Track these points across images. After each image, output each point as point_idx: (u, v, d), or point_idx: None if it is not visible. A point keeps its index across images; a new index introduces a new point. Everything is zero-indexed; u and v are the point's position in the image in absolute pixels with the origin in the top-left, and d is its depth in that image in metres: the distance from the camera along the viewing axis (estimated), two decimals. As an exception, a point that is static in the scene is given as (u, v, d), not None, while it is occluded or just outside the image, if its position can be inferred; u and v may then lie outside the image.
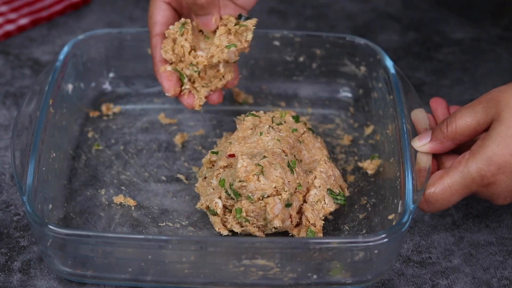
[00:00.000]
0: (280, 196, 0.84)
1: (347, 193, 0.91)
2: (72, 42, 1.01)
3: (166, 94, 0.90)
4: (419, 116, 0.91)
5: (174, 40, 0.89)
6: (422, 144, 0.86)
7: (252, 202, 0.84)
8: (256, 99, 1.06)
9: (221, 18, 0.89)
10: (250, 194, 0.84)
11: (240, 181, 0.84)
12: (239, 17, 0.90)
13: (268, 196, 0.84)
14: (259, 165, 0.84)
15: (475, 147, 0.82)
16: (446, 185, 0.83)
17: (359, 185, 0.94)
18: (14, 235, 0.89)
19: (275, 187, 0.84)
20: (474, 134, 0.84)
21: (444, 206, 0.84)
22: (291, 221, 0.86)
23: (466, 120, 0.83)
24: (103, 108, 1.04)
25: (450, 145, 0.85)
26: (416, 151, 0.87)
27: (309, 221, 0.87)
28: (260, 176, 0.84)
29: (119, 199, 0.92)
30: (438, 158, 0.87)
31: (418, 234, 0.90)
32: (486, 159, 0.81)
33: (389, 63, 0.97)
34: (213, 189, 0.88)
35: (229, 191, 0.86)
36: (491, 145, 0.81)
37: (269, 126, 0.91)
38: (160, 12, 0.90)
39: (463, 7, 1.24)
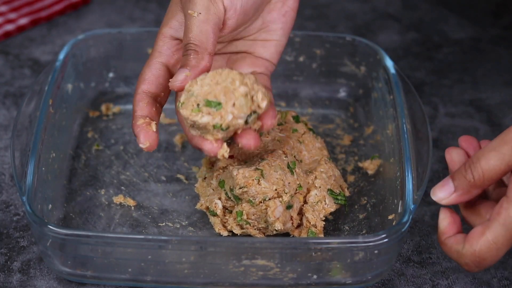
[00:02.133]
0: (281, 199, 0.84)
1: (347, 193, 0.91)
2: (72, 42, 1.01)
3: (141, 145, 0.82)
4: (454, 157, 0.81)
5: None
6: (446, 197, 0.77)
7: (253, 205, 0.84)
8: (256, 99, 1.05)
9: None
10: (251, 198, 0.84)
11: (240, 188, 0.84)
12: None
13: (269, 199, 0.84)
14: (258, 168, 0.84)
15: None
16: (490, 241, 0.75)
17: (359, 185, 0.94)
18: (14, 235, 0.89)
19: (275, 190, 0.84)
20: (503, 175, 0.76)
21: (493, 262, 0.76)
22: (292, 223, 0.86)
23: (493, 164, 0.75)
24: (103, 108, 1.04)
25: (477, 193, 0.77)
26: (416, 153, 0.87)
27: (310, 222, 0.86)
28: (260, 179, 0.84)
29: (119, 199, 0.92)
30: None
31: (418, 234, 0.90)
32: None
33: (389, 63, 0.97)
34: (213, 189, 0.88)
35: (229, 194, 0.86)
36: None
37: None
38: (152, 71, 0.85)
39: (463, 7, 1.24)
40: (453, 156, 0.80)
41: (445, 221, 0.78)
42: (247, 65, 0.88)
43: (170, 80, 0.81)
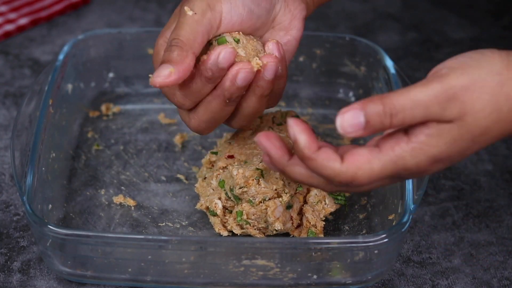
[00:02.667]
0: (281, 199, 0.84)
1: (347, 193, 0.91)
2: (72, 42, 1.01)
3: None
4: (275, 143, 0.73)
5: None
6: (354, 131, 0.68)
7: (253, 205, 0.84)
8: (256, 99, 1.05)
9: None
10: (251, 198, 0.84)
11: (240, 188, 0.84)
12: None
13: (269, 199, 0.84)
14: (258, 168, 0.84)
15: (418, 143, 0.70)
16: (375, 172, 0.70)
17: (359, 185, 0.94)
18: (14, 235, 0.89)
19: (275, 190, 0.84)
20: None
21: (359, 191, 0.73)
22: (292, 223, 0.86)
23: (416, 116, 0.69)
24: (103, 108, 1.04)
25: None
26: None
27: (310, 222, 0.86)
28: (260, 179, 0.84)
29: (119, 199, 0.92)
30: None
31: (418, 234, 0.90)
32: (430, 157, 0.70)
33: (389, 63, 0.97)
34: (213, 189, 0.88)
35: (229, 194, 0.86)
36: (441, 146, 0.70)
37: (269, 126, 0.91)
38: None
39: (463, 7, 1.24)
40: (274, 142, 0.72)
41: (304, 135, 0.70)
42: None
43: (150, 75, 0.78)
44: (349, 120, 0.68)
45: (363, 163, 0.70)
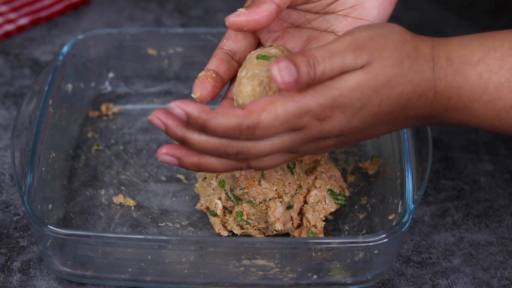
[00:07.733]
0: (281, 199, 0.84)
1: (347, 193, 0.91)
2: (71, 42, 1.01)
3: (192, 95, 0.81)
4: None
5: None
6: (289, 80, 0.71)
7: (253, 206, 0.84)
8: (256, 99, 1.05)
9: None
10: (251, 199, 0.84)
11: (241, 189, 0.84)
12: None
13: (269, 200, 0.84)
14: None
15: (321, 84, 0.73)
16: (278, 113, 0.72)
17: (359, 185, 0.94)
18: (13, 235, 0.89)
19: (276, 190, 0.84)
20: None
21: (268, 136, 0.74)
22: (292, 223, 0.86)
23: (335, 66, 0.73)
24: (103, 108, 1.04)
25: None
26: (416, 153, 0.87)
27: (310, 223, 0.86)
28: (261, 180, 0.84)
29: (119, 199, 0.92)
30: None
31: (418, 234, 0.90)
32: (330, 98, 0.73)
33: (389, 63, 0.97)
34: (213, 190, 0.88)
35: (230, 195, 0.86)
36: (343, 89, 0.73)
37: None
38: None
39: (463, 7, 1.24)
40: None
41: (191, 105, 0.73)
42: None
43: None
44: (284, 68, 0.71)
45: (266, 105, 0.73)
